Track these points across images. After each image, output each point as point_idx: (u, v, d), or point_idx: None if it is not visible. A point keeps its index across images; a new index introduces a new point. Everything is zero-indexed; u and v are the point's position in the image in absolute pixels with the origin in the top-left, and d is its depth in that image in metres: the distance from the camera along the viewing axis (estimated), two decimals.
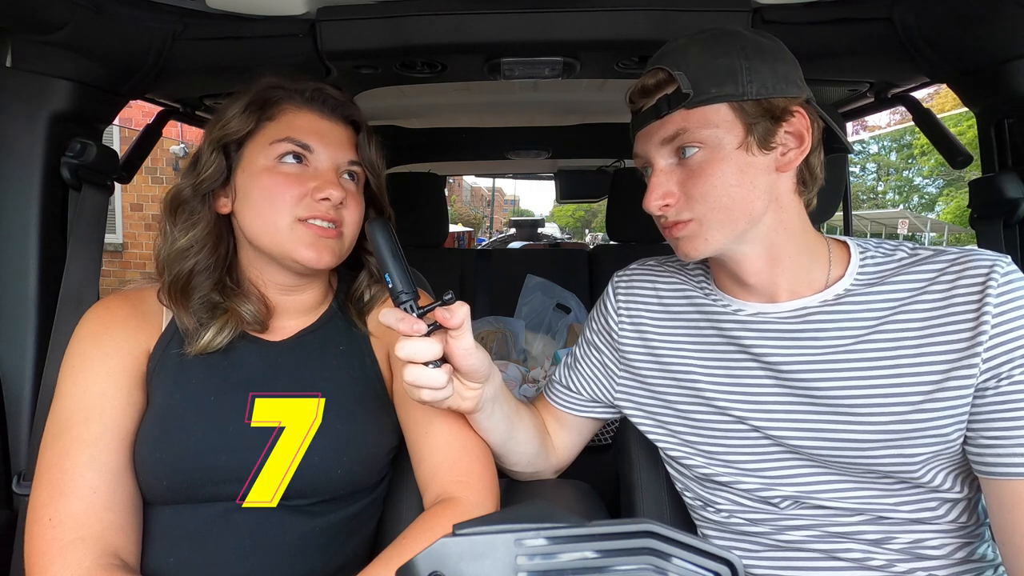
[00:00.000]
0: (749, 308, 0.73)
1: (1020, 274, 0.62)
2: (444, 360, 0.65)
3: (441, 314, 0.62)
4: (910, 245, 0.71)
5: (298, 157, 0.74)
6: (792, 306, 0.71)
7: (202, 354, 0.73)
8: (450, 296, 0.63)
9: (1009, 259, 0.63)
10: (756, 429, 0.71)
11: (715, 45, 0.66)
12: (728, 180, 0.66)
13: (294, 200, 0.72)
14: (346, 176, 0.78)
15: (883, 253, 0.71)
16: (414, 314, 0.62)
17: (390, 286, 0.63)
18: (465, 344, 0.64)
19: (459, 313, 0.62)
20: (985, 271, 0.62)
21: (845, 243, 0.73)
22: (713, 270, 0.78)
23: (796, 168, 0.69)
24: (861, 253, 0.71)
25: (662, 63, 0.68)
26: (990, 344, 0.60)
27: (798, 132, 0.67)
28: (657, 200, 0.69)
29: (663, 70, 0.68)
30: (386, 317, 0.62)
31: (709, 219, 0.67)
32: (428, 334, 0.62)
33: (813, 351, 0.68)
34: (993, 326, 0.60)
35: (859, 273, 0.70)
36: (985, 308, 0.61)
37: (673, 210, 0.70)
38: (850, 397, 0.66)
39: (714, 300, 0.77)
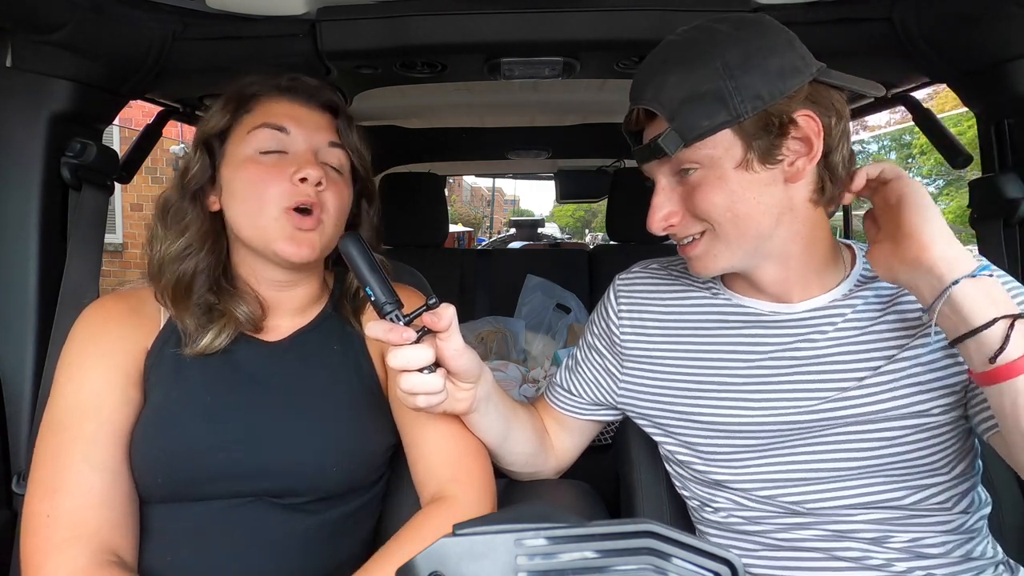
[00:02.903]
0: (763, 307, 0.74)
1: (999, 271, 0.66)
2: (437, 364, 0.65)
3: (429, 318, 0.62)
4: None
5: (277, 149, 0.73)
6: (805, 307, 0.72)
7: (200, 356, 0.73)
8: (434, 300, 0.63)
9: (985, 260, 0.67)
10: (763, 426, 0.72)
11: (693, 68, 0.61)
12: (729, 199, 0.63)
13: (278, 189, 0.71)
14: (328, 165, 0.76)
15: None
16: (400, 323, 0.62)
17: (372, 299, 0.63)
18: (455, 345, 0.64)
19: (446, 315, 0.62)
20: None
21: (849, 246, 0.76)
22: (725, 274, 0.79)
23: (813, 175, 0.65)
24: (863, 252, 0.74)
25: (644, 99, 0.64)
26: None
27: (806, 138, 0.62)
28: (660, 221, 0.69)
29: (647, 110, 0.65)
30: (373, 330, 0.62)
31: (716, 236, 0.66)
32: (417, 340, 0.62)
33: (821, 346, 0.70)
34: None
35: (864, 270, 0.72)
36: None
37: (680, 227, 0.69)
38: (853, 386, 0.67)
39: (725, 300, 0.77)
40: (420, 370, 0.62)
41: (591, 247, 2.79)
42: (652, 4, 0.90)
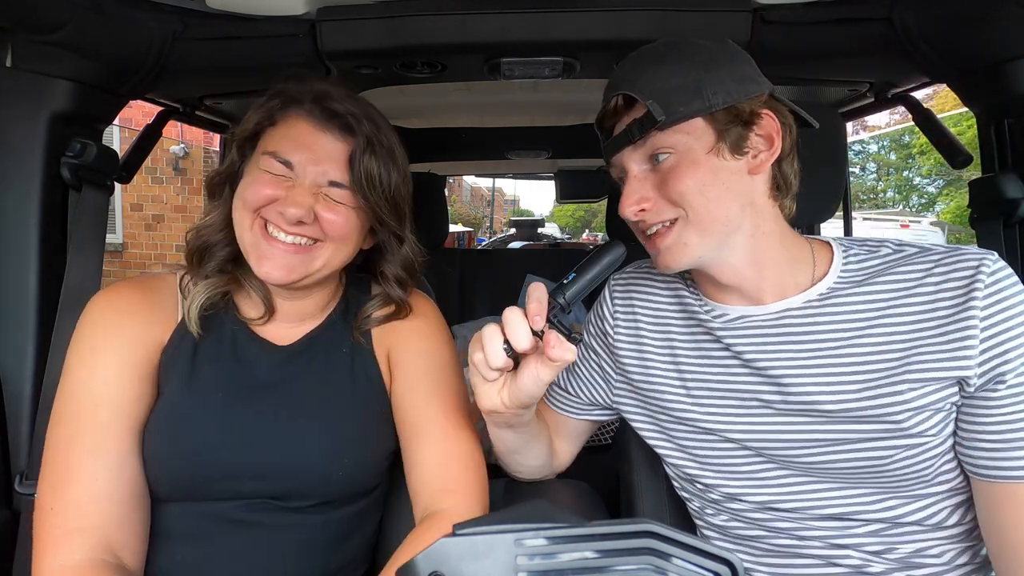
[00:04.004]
0: (733, 312, 0.73)
1: (1007, 272, 0.62)
2: (516, 360, 0.61)
3: (555, 337, 0.57)
4: (895, 241, 0.70)
5: (281, 172, 0.72)
6: (776, 308, 0.70)
7: (201, 322, 0.73)
8: (579, 337, 0.59)
9: (996, 256, 0.62)
10: (741, 433, 0.71)
11: (673, 63, 0.66)
12: (701, 182, 0.65)
13: (262, 200, 0.70)
14: (335, 190, 0.73)
15: (867, 250, 0.70)
16: (550, 312, 0.59)
17: (565, 282, 0.60)
18: (544, 375, 0.60)
19: (566, 353, 0.57)
20: (971, 272, 0.61)
21: (828, 243, 0.73)
22: (695, 277, 0.78)
23: (769, 174, 0.69)
24: (844, 251, 0.71)
25: (624, 88, 0.68)
26: (982, 348, 0.59)
27: (768, 135, 0.68)
28: (632, 205, 0.69)
29: (628, 96, 0.68)
30: (536, 288, 0.59)
31: (688, 224, 0.67)
32: (536, 332, 0.58)
33: (799, 354, 0.68)
34: (982, 330, 0.60)
35: (843, 271, 0.69)
36: (971, 312, 0.60)
37: (651, 213, 0.69)
38: (836, 402, 0.65)
39: (700, 304, 0.76)
40: (505, 348, 0.59)
41: (591, 247, 2.79)
42: (652, 4, 0.90)
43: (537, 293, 0.58)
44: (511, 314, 0.58)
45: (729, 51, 0.68)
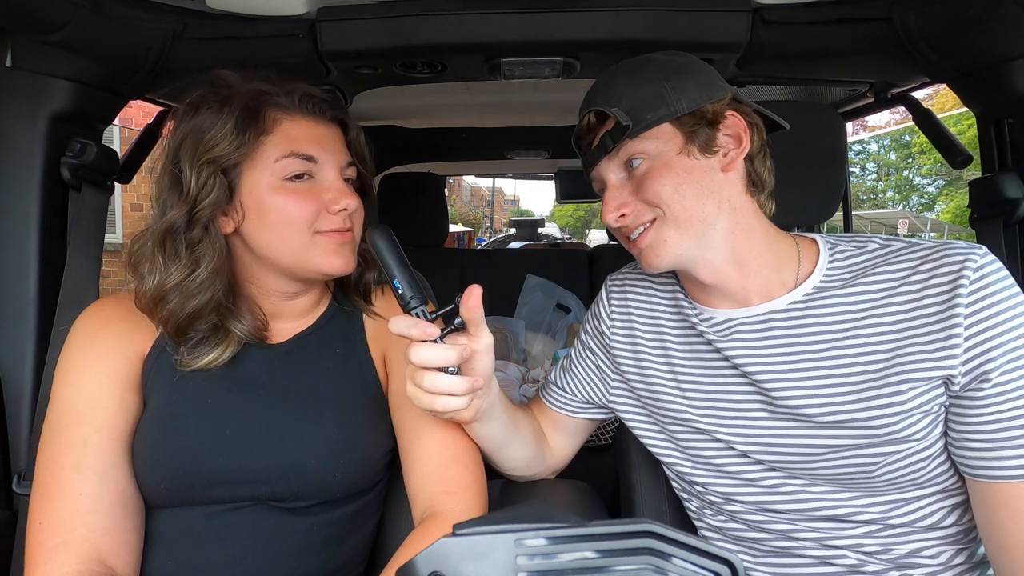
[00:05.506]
0: (720, 315, 0.73)
1: (995, 267, 0.60)
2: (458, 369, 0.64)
3: (463, 308, 0.62)
4: (883, 236, 0.70)
5: (304, 173, 0.72)
6: (762, 309, 0.70)
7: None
8: (456, 303, 0.63)
9: (985, 250, 0.61)
10: (731, 438, 0.71)
11: (637, 75, 0.70)
12: (675, 181, 0.68)
13: (312, 216, 0.71)
14: (350, 170, 0.78)
15: (854, 247, 0.69)
16: (425, 319, 0.62)
17: (399, 292, 0.63)
18: (487, 341, 0.65)
19: (473, 295, 0.62)
20: (957, 267, 0.60)
21: (814, 241, 0.72)
22: (683, 281, 0.78)
23: (743, 171, 0.71)
24: (830, 248, 0.70)
25: (595, 104, 0.72)
26: (967, 347, 0.58)
27: (736, 134, 0.70)
28: (613, 212, 0.71)
29: (598, 111, 0.71)
30: (396, 325, 0.61)
31: (665, 222, 0.69)
32: (441, 339, 0.62)
33: (784, 359, 0.68)
34: (967, 327, 0.58)
35: (828, 269, 0.69)
36: (956, 309, 0.59)
37: (631, 218, 0.71)
38: (821, 406, 0.65)
39: (691, 307, 0.76)
40: (443, 370, 0.62)
41: (591, 247, 2.79)
42: (652, 4, 0.90)
43: (402, 324, 0.61)
44: (421, 354, 0.61)
45: (691, 62, 0.72)
